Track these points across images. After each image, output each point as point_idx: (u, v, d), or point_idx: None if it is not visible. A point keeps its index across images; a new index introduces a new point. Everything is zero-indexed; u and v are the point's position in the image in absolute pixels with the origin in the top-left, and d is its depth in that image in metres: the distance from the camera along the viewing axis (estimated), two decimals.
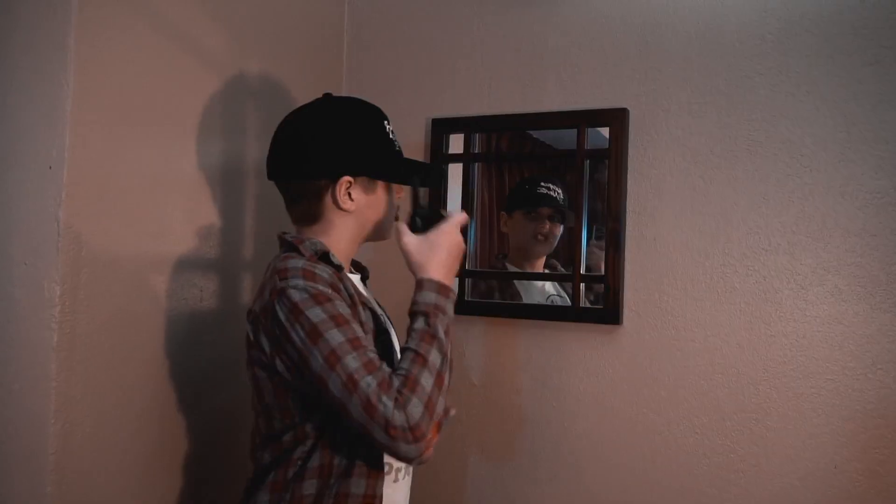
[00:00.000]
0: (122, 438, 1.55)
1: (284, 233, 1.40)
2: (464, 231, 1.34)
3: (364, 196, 1.38)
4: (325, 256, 1.35)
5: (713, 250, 1.80)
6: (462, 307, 1.99)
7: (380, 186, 1.40)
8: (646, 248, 1.86)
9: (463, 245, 1.36)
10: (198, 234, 1.72)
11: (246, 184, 1.84)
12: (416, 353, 1.25)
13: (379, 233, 1.41)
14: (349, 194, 1.36)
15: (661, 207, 1.85)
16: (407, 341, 1.28)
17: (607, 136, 1.86)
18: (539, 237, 1.98)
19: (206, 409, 1.74)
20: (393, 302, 1.58)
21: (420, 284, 1.31)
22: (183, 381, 1.68)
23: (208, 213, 1.74)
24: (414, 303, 1.31)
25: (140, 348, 1.58)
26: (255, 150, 1.85)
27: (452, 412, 1.37)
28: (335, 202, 1.36)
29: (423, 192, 1.44)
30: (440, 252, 1.33)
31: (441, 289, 1.31)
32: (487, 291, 2.02)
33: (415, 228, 1.35)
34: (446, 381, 1.26)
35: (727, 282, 1.79)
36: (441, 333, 1.28)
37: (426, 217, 1.36)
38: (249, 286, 1.86)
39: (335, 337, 1.20)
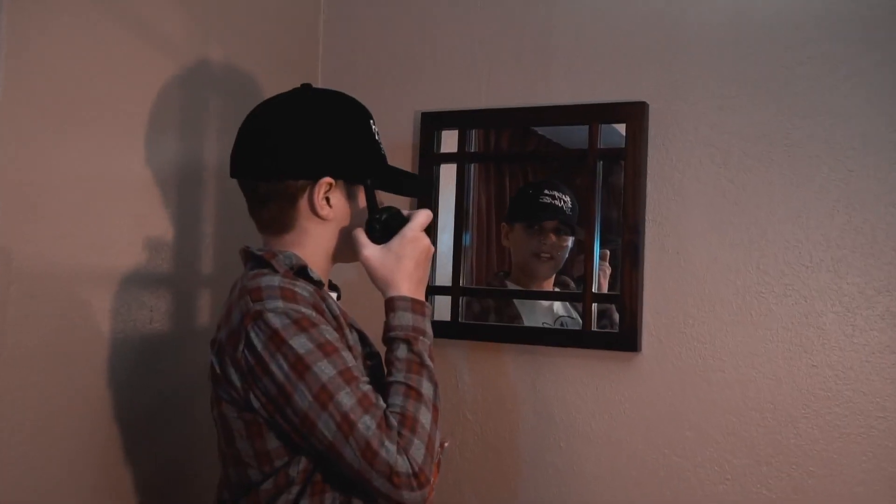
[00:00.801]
0: (54, 491, 1.50)
1: (249, 247, 1.38)
2: (429, 230, 1.40)
3: (344, 202, 1.38)
4: (302, 272, 1.34)
5: (746, 267, 1.79)
6: (455, 330, 2.00)
7: (361, 193, 1.40)
8: (667, 264, 1.85)
9: (430, 248, 1.37)
10: (148, 246, 1.70)
11: (205, 188, 1.83)
12: (408, 386, 1.25)
13: (354, 250, 1.38)
14: (327, 199, 1.35)
15: (686, 216, 1.84)
16: (391, 372, 1.28)
17: (623, 133, 1.86)
18: (542, 255, 1.98)
19: (156, 454, 1.71)
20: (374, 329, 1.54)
21: (391, 304, 1.32)
22: (130, 420, 1.65)
23: (160, 221, 1.73)
24: (390, 328, 1.31)
25: (78, 380, 1.55)
26: (217, 148, 1.83)
27: (446, 445, 1.38)
28: (312, 207, 1.35)
29: (393, 194, 1.47)
30: (406, 262, 1.33)
31: (416, 306, 1.32)
32: (483, 312, 2.01)
33: (373, 236, 1.35)
34: (440, 413, 1.28)
35: (762, 303, 1.78)
36: (427, 360, 1.29)
37: (385, 222, 1.35)
38: (209, 306, 1.84)
39: (325, 369, 1.20)
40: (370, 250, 1.34)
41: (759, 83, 1.79)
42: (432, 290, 2.01)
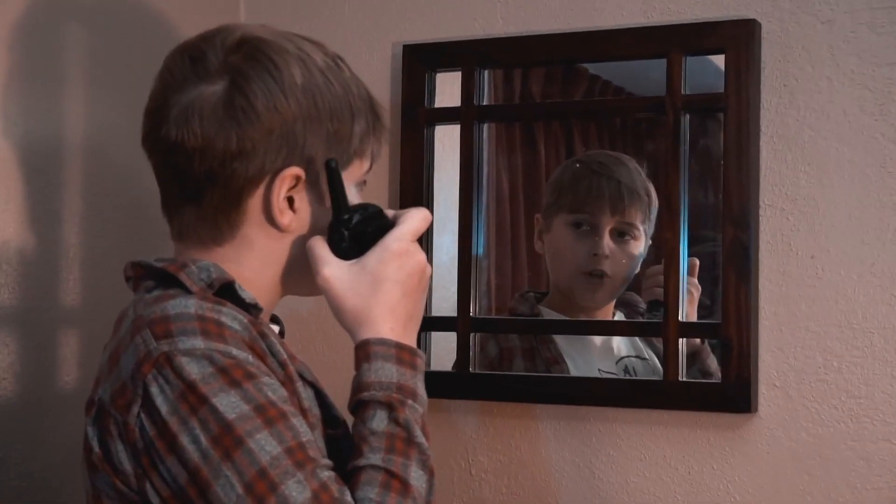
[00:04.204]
0: None
1: (142, 260, 1.38)
2: (422, 240, 1.44)
3: (314, 207, 1.39)
4: (227, 291, 1.32)
5: None
6: (463, 385, 1.98)
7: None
8: (796, 274, 1.83)
9: (426, 267, 1.38)
10: None
11: (69, 173, 1.83)
12: (389, 472, 1.25)
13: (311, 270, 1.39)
14: (290, 200, 1.35)
15: (824, 199, 1.82)
16: (362, 451, 1.28)
17: (721, 69, 1.85)
18: (595, 272, 2.00)
19: None
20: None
21: (365, 351, 1.32)
22: None
23: None
24: (362, 385, 1.30)
25: None
26: (86, 112, 1.84)
27: None
28: (267, 211, 1.35)
29: (355, 191, 1.49)
30: (389, 289, 1.33)
31: (402, 354, 1.32)
32: (506, 357, 2.01)
33: (341, 249, 1.34)
34: None
35: None
36: (419, 435, 1.29)
37: (357, 226, 1.35)
38: (76, 355, 1.84)
39: (266, 445, 1.20)
40: (333, 269, 1.33)
41: None
42: (427, 324, 1.96)
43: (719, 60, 1.84)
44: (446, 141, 2.01)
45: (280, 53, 1.36)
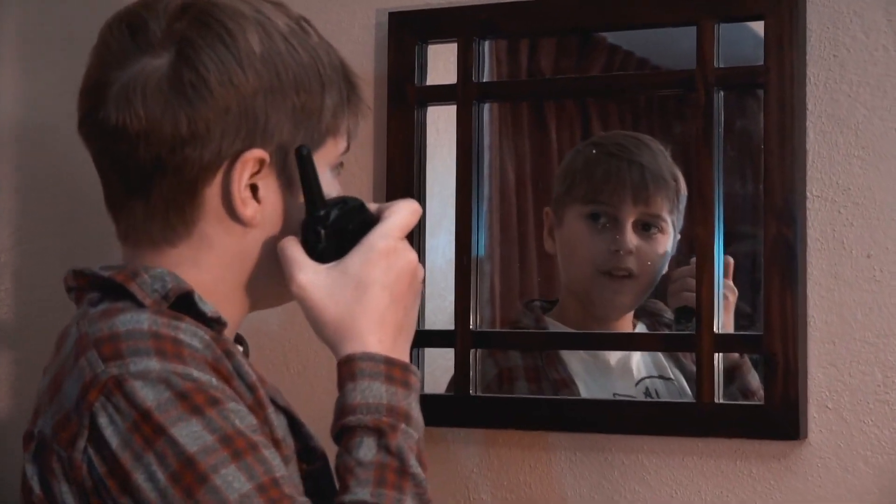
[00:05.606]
0: None
1: (85, 268, 1.35)
2: (412, 239, 1.47)
3: (283, 197, 1.37)
4: (184, 302, 1.31)
5: None
6: (464, 411, 1.98)
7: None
8: (850, 277, 1.83)
9: (418, 268, 1.37)
10: None
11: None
12: None
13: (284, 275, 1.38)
14: (253, 188, 1.33)
15: (881, 189, 1.82)
16: (347, 486, 1.26)
17: (761, 38, 1.86)
18: (617, 270, 1.99)
19: None
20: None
21: (350, 368, 1.31)
22: None
23: None
24: (347, 408, 1.29)
25: None
26: (18, 93, 1.94)
27: None
28: (227, 202, 1.33)
29: (331, 176, 1.47)
30: (376, 294, 1.33)
31: (392, 371, 1.31)
32: (506, 379, 2.02)
33: (317, 250, 1.33)
34: None
35: None
36: (414, 464, 1.28)
37: (335, 223, 1.34)
38: (9, 380, 1.91)
39: (233, 482, 1.19)
40: (310, 274, 1.32)
41: None
42: (420, 339, 1.91)
43: (758, 28, 1.84)
44: (441, 124, 2.02)
45: (234, 18, 1.34)
